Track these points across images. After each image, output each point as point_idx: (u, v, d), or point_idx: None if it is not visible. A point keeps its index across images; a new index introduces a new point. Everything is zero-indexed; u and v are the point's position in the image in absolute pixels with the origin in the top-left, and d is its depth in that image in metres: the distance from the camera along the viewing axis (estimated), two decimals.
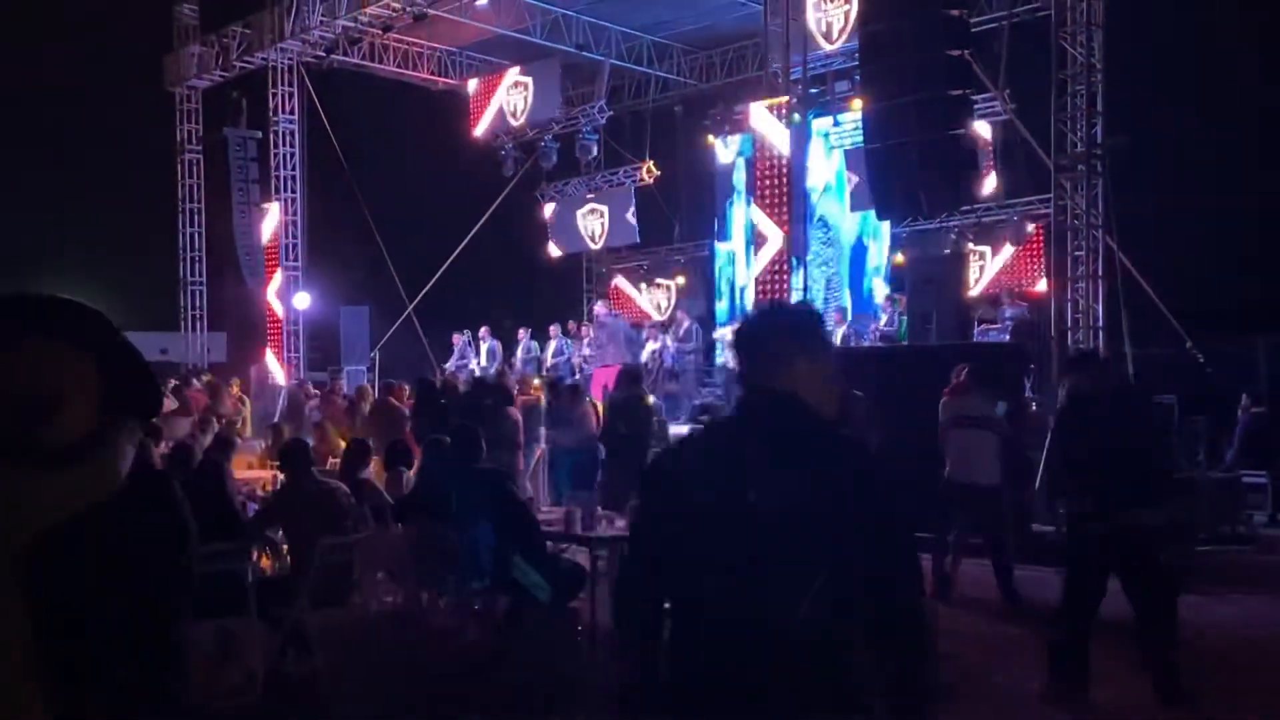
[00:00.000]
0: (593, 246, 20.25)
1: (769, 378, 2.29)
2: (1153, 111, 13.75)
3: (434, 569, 6.52)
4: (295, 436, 9.47)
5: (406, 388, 11.55)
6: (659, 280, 20.27)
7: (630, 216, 19.45)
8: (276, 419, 14.43)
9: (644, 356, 16.87)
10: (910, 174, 10.65)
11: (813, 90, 14.47)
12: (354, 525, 6.71)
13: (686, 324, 17.01)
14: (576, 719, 5.64)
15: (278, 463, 8.74)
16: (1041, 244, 14.85)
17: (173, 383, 11.80)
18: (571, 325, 18.44)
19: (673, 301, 19.86)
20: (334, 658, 5.74)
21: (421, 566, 6.57)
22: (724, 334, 15.21)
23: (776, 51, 13.07)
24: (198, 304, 19.73)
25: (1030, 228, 15.55)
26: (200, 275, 19.68)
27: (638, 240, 19.70)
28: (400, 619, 6.69)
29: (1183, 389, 11.84)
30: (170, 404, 10.46)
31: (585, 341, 17.74)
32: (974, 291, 15.03)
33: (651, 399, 14.81)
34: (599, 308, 18.66)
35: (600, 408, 11.31)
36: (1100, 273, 11.15)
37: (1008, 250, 16.00)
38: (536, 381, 14.05)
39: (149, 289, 21.09)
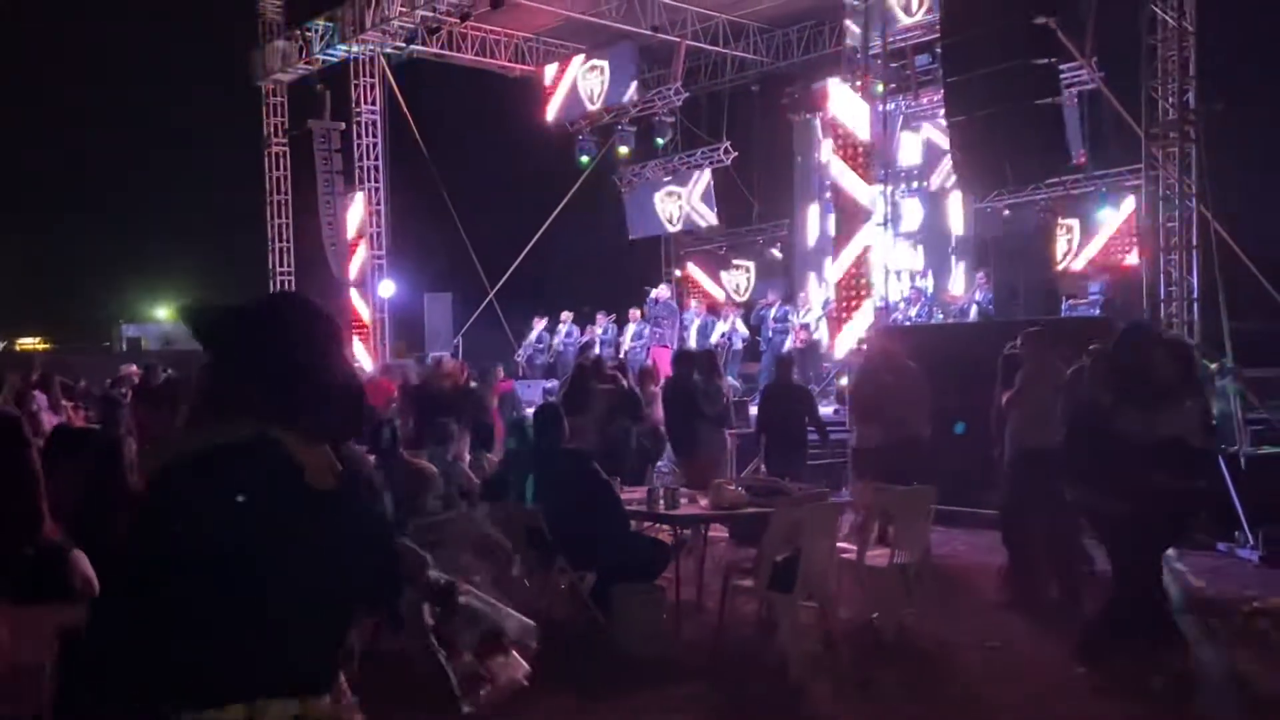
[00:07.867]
0: (671, 230, 20.21)
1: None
2: (1247, 76, 13.24)
3: (520, 548, 6.61)
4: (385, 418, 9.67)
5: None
6: (737, 262, 20.18)
7: (708, 198, 19.36)
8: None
9: (713, 339, 16.82)
10: (995, 146, 10.44)
11: (893, 65, 14.25)
12: (443, 505, 6.85)
13: (778, 305, 16.92)
14: (664, 693, 5.68)
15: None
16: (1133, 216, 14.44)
17: None
18: (633, 312, 18.48)
19: (752, 283, 19.75)
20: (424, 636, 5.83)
21: (508, 546, 6.66)
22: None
23: (855, 26, 12.89)
24: None
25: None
26: (289, 265, 20.12)
27: (716, 222, 19.58)
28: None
29: None
30: None
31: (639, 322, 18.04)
32: (1062, 265, 14.68)
33: (729, 380, 14.78)
34: (663, 289, 18.69)
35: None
36: (1195, 243, 10.81)
37: (1096, 222, 15.57)
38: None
39: (240, 280, 21.62)
